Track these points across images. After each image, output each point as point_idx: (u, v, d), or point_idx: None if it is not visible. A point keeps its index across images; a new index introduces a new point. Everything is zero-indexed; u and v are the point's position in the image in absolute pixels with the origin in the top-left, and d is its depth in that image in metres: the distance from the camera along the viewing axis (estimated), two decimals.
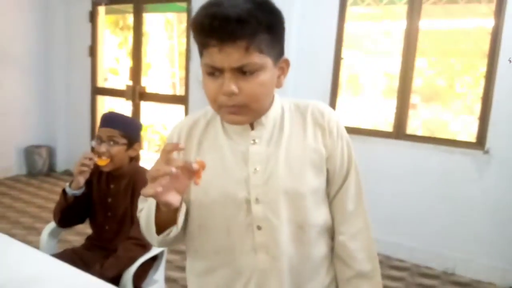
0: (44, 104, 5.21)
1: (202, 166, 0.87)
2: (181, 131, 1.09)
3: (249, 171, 1.00)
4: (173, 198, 0.87)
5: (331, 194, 1.07)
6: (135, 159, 1.94)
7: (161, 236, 0.98)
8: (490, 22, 2.96)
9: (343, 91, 3.83)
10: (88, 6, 4.89)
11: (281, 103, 1.07)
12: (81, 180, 1.78)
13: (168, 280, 2.72)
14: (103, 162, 1.82)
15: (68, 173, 5.15)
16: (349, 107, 3.93)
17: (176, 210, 0.94)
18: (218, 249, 1.04)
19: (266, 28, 0.90)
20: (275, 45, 0.94)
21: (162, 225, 0.97)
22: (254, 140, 1.01)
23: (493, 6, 2.94)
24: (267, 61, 0.92)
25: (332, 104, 3.53)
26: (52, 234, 2.02)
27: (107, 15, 5.59)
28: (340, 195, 1.07)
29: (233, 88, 0.90)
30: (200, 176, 0.87)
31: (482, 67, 3.07)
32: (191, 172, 0.86)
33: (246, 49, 0.87)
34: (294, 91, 3.54)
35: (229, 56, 0.88)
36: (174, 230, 0.97)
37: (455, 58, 3.47)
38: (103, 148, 1.82)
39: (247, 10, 0.86)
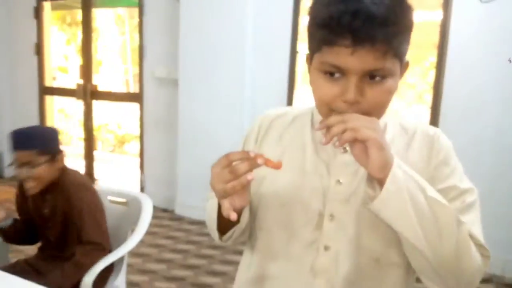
0: None
1: (277, 167, 0.77)
2: (263, 122, 1.00)
3: (331, 182, 0.88)
4: (242, 202, 0.80)
5: None
6: (67, 168, 1.83)
7: (224, 238, 0.92)
8: (439, 15, 3.06)
9: (299, 83, 3.85)
10: (32, 2, 4.64)
11: (384, 116, 0.91)
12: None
13: (130, 284, 2.64)
14: (32, 189, 1.72)
15: (16, 178, 4.88)
16: (306, 99, 3.96)
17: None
18: (274, 260, 0.93)
19: (405, 28, 0.77)
20: (406, 46, 0.80)
21: (225, 223, 0.89)
22: (345, 148, 0.88)
23: (440, 0, 3.05)
24: (398, 65, 0.79)
25: (290, 96, 3.54)
26: (2, 245, 1.90)
27: (54, 10, 5.34)
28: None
29: (357, 96, 0.76)
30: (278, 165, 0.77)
31: (431, 58, 3.17)
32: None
33: (384, 53, 0.74)
34: (252, 85, 3.53)
35: (363, 59, 0.74)
36: (237, 231, 0.90)
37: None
38: (24, 174, 1.69)
39: (392, 8, 0.73)
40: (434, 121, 3.11)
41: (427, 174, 0.85)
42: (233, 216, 0.76)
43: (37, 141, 1.70)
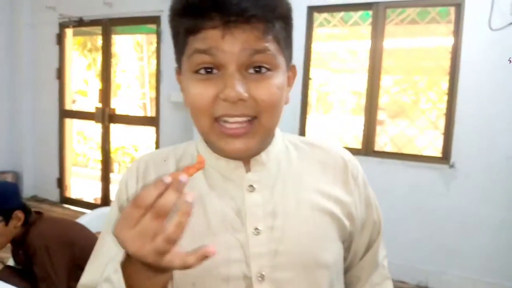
0: (10, 128, 5.07)
1: (202, 165, 0.58)
2: (147, 169, 0.76)
3: (248, 233, 0.69)
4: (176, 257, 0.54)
5: (356, 257, 0.83)
6: (28, 219, 1.76)
7: None
8: (450, 41, 3.09)
9: (312, 109, 3.89)
10: (55, 29, 4.83)
11: (283, 137, 0.79)
12: None
13: None
14: None
15: (35, 198, 4.99)
16: (319, 125, 3.99)
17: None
18: None
19: (285, 16, 0.67)
20: (289, 43, 0.70)
21: None
22: (251, 186, 0.71)
23: (451, 26, 3.08)
24: (282, 61, 0.67)
25: (302, 122, 3.58)
26: None
27: (75, 36, 5.54)
28: (368, 257, 0.83)
29: (240, 91, 0.61)
30: None
31: (444, 84, 3.19)
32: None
33: (264, 32, 0.62)
34: None
35: (238, 41, 0.61)
36: None
37: (419, 75, 3.59)
38: None
39: None
40: (447, 147, 3.10)
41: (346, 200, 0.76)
42: (203, 255, 0.53)
43: None
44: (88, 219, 2.16)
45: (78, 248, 1.77)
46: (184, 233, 0.51)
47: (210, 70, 0.64)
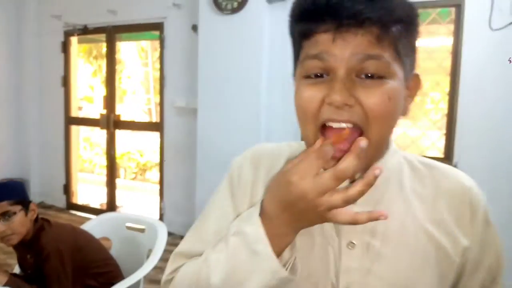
0: (17, 136, 5.13)
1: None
2: (260, 159, 0.78)
3: (342, 245, 0.67)
4: None
5: None
6: (39, 219, 1.83)
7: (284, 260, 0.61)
8: (450, 41, 3.10)
9: None
10: (60, 37, 4.90)
11: (399, 154, 0.72)
12: None
13: None
14: (11, 241, 1.74)
15: (42, 205, 5.04)
16: None
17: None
18: None
19: (405, 20, 0.61)
20: (410, 49, 0.64)
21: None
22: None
23: (452, 27, 3.09)
24: (399, 69, 0.62)
25: None
26: None
27: (80, 44, 5.60)
28: None
29: (346, 95, 0.58)
30: None
31: (446, 84, 3.20)
32: None
33: (378, 37, 0.58)
34: (267, 115, 3.61)
35: (348, 45, 0.58)
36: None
37: (422, 76, 3.59)
38: (1, 227, 1.71)
39: None
40: (449, 147, 3.11)
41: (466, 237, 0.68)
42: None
43: (6, 192, 1.75)
44: (93, 224, 2.20)
45: (84, 253, 1.81)
46: None
47: (320, 75, 0.61)
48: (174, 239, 4.08)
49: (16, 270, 1.95)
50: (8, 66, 5.01)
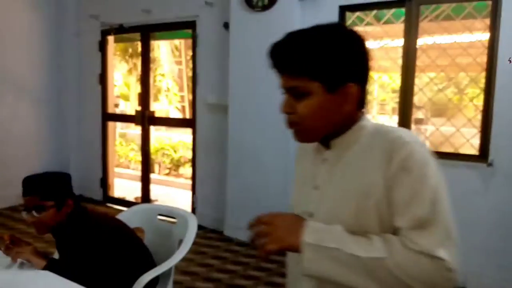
0: (58, 131, 5.36)
1: None
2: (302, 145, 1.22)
3: (312, 186, 1.09)
4: None
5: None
6: (75, 212, 1.86)
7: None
8: (486, 36, 3.02)
9: None
10: (98, 36, 5.07)
11: (366, 127, 1.05)
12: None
13: None
14: (40, 232, 1.80)
15: (80, 198, 5.25)
16: None
17: None
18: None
19: (308, 54, 0.97)
20: (324, 73, 0.98)
21: None
22: (324, 159, 1.09)
23: (488, 21, 3.01)
24: (317, 86, 0.98)
25: None
26: None
27: (117, 43, 5.78)
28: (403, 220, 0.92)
29: (287, 108, 1.04)
30: None
31: (481, 80, 3.11)
32: None
33: (291, 76, 1.01)
34: None
35: (283, 81, 1.04)
36: None
37: (455, 72, 3.51)
38: (29, 218, 1.75)
39: (296, 42, 1.00)
40: (485, 145, 3.03)
41: (385, 181, 0.94)
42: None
43: (41, 187, 1.77)
44: (127, 215, 2.29)
45: (120, 241, 1.88)
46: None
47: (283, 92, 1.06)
48: (205, 232, 4.17)
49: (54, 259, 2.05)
50: (50, 65, 5.24)
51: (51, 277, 1.63)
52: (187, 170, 6.98)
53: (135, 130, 7.76)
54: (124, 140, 7.85)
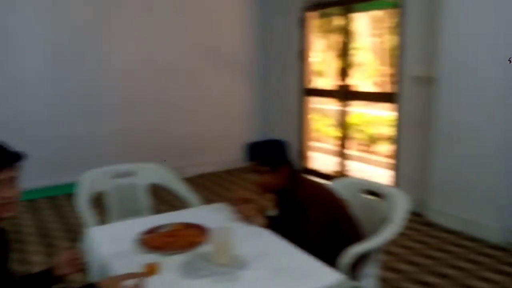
0: (262, 106, 5.86)
1: None
2: None
3: None
4: None
5: None
6: (294, 175, 2.00)
7: None
8: None
9: None
10: (298, 13, 5.22)
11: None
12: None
13: (379, 279, 2.69)
14: (259, 192, 2.02)
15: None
16: None
17: None
18: None
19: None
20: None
21: None
22: None
23: None
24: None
25: None
26: None
27: (316, 19, 5.85)
28: None
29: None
30: None
31: None
32: None
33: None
34: None
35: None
36: None
37: None
38: (252, 179, 1.98)
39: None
40: None
41: None
42: None
43: (258, 154, 1.98)
44: (334, 186, 2.30)
45: (334, 210, 1.92)
46: None
47: None
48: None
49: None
50: (256, 43, 5.71)
51: (270, 236, 1.79)
52: (382, 147, 6.74)
53: (329, 106, 7.85)
54: (320, 115, 8.02)
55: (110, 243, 1.75)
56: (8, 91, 4.31)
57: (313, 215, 1.87)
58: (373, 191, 2.25)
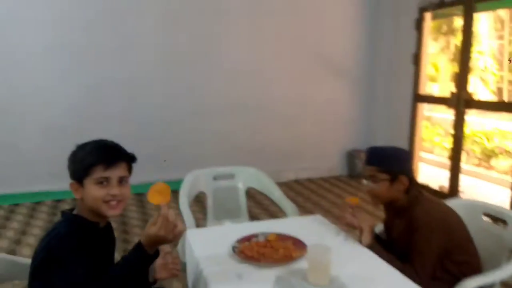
0: (367, 111, 5.59)
1: None
2: None
3: None
4: None
5: None
6: (413, 190, 1.79)
7: None
8: None
9: None
10: (415, 14, 4.87)
11: None
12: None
13: None
14: (353, 201, 1.88)
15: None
16: None
17: None
18: None
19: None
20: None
21: None
22: None
23: None
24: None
25: None
26: None
27: (433, 20, 5.44)
28: None
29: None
30: None
31: None
32: None
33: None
34: None
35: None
36: None
37: None
38: (366, 186, 1.82)
39: None
40: None
41: None
42: None
43: (380, 160, 1.80)
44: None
45: (453, 235, 1.72)
46: None
47: None
48: None
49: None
50: (365, 46, 5.46)
51: (376, 258, 1.64)
52: (501, 162, 6.04)
53: (439, 113, 7.26)
54: (430, 123, 7.47)
55: (206, 248, 1.74)
56: (129, 92, 4.66)
57: (430, 241, 1.67)
58: (494, 216, 1.97)
